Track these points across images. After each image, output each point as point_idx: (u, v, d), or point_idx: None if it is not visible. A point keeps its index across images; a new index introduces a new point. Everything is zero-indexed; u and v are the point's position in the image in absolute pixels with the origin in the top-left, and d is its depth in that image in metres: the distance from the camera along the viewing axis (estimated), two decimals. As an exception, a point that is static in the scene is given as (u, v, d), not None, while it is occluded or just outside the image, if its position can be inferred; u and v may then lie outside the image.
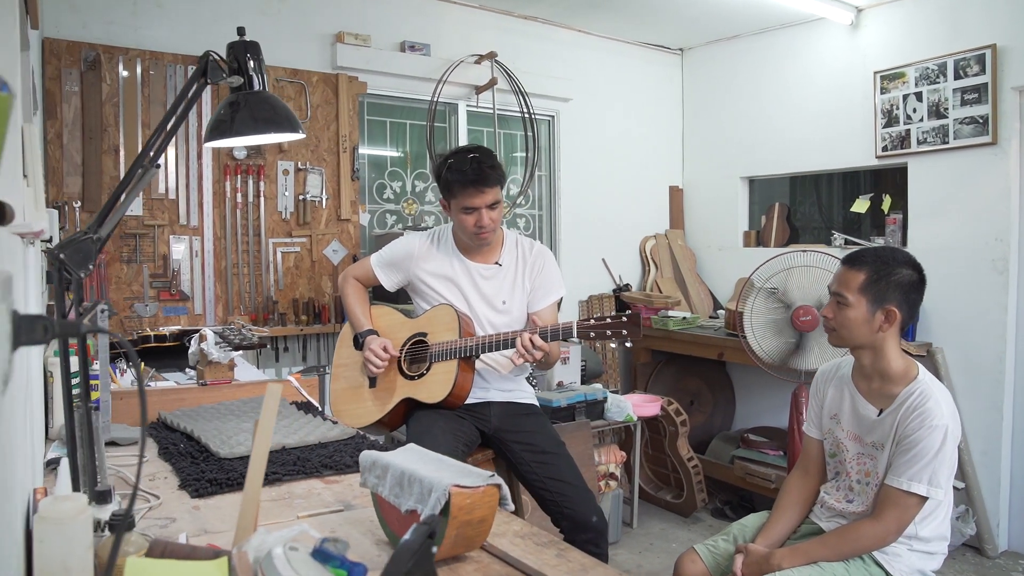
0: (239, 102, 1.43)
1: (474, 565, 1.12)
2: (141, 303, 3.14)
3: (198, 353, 2.28)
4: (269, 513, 1.35)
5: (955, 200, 3.58)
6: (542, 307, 2.43)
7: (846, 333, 1.85)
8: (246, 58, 1.42)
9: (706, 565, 2.02)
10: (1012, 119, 3.36)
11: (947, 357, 3.58)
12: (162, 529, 1.26)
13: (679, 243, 4.86)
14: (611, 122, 4.64)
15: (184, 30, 3.23)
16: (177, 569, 0.70)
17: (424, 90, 3.85)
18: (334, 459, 1.64)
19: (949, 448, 1.75)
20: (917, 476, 1.73)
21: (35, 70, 2.01)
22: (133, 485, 0.67)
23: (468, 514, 1.05)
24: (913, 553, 1.84)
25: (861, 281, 1.82)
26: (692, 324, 4.21)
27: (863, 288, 1.82)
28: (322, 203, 3.54)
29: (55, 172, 2.95)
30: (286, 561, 0.69)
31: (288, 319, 3.44)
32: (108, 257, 3.07)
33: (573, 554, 1.17)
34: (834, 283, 1.90)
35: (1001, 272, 3.41)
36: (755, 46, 4.50)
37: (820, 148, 4.16)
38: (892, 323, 1.81)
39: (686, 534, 3.72)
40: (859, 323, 1.82)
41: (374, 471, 1.20)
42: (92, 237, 1.13)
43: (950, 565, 3.38)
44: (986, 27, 3.41)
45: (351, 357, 2.45)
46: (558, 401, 3.41)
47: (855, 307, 1.82)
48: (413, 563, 0.62)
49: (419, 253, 2.43)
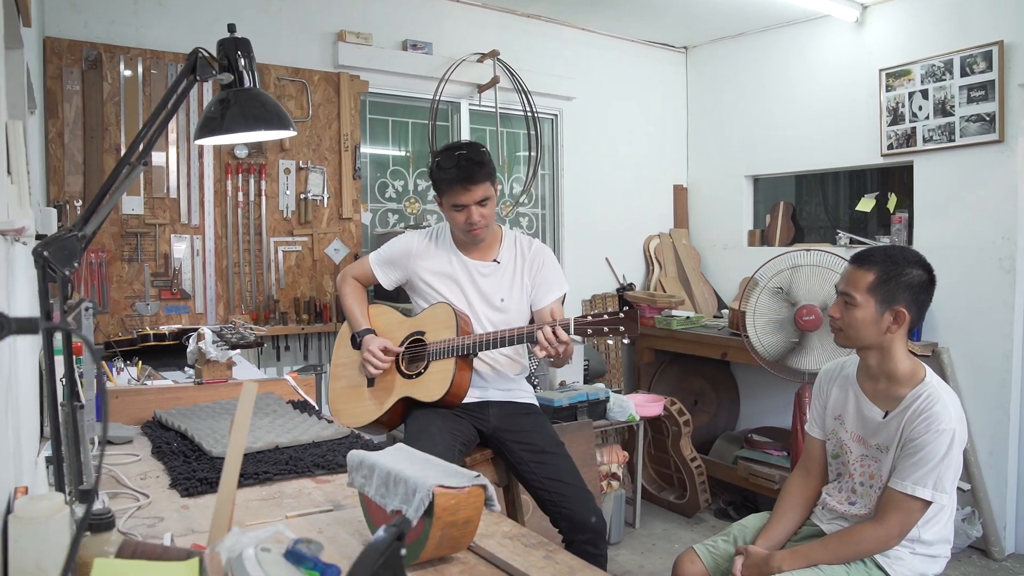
0: (229, 99, 1.42)
1: (460, 566, 1.10)
2: (142, 302, 3.14)
3: (196, 352, 2.28)
4: (258, 512, 1.34)
5: (961, 199, 3.54)
6: (546, 304, 2.42)
7: (853, 333, 1.82)
8: (236, 55, 1.41)
9: (705, 566, 2.00)
10: (1019, 116, 3.32)
11: (953, 357, 3.54)
12: (149, 528, 1.25)
13: (683, 242, 4.83)
14: (615, 121, 4.62)
15: (185, 29, 3.23)
16: (146, 569, 0.69)
17: (426, 89, 3.84)
18: (327, 459, 1.63)
19: (956, 452, 1.72)
20: (922, 480, 1.70)
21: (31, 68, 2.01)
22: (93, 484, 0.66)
23: (453, 515, 1.04)
24: (915, 556, 1.82)
25: (870, 281, 1.79)
26: (696, 324, 4.19)
27: (872, 288, 1.78)
28: (324, 202, 3.53)
29: (56, 171, 2.96)
30: (256, 562, 0.68)
31: (289, 318, 3.44)
32: (109, 256, 3.08)
33: (561, 556, 1.15)
34: (842, 282, 1.86)
35: (1008, 271, 3.37)
36: (760, 44, 4.47)
37: (825, 147, 4.13)
38: (901, 324, 1.78)
39: (689, 535, 3.69)
40: (867, 324, 1.79)
41: (361, 471, 1.19)
42: (77, 235, 1.12)
43: (956, 567, 3.34)
44: (993, 23, 3.37)
45: (349, 356, 2.44)
46: (560, 401, 3.39)
47: (863, 307, 1.79)
48: (380, 564, 0.61)
49: (417, 251, 2.43)
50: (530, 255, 2.44)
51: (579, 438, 3.35)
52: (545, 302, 2.42)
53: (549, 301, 2.42)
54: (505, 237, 2.46)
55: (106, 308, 3.07)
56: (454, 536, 1.06)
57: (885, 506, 1.77)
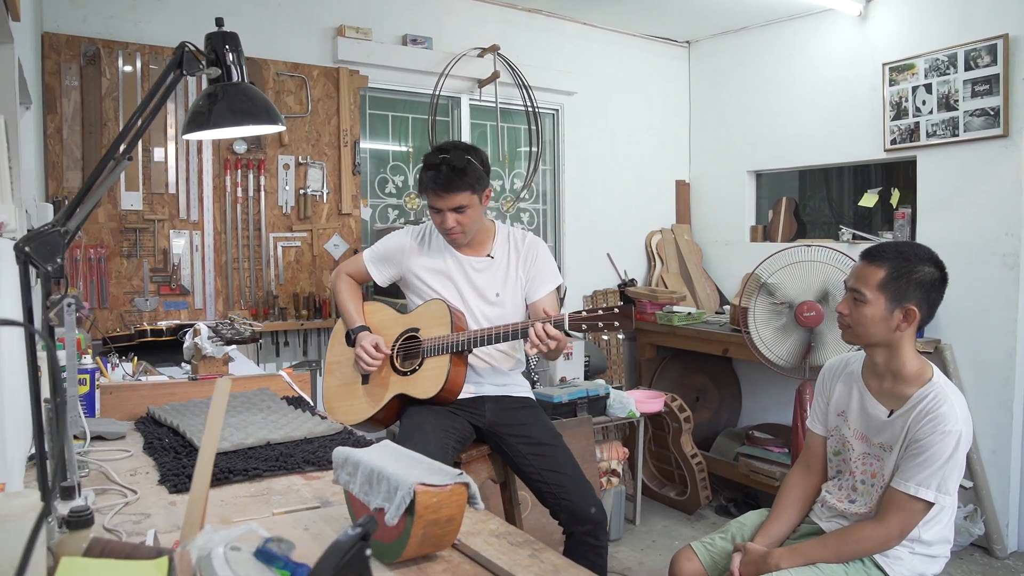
0: (217, 93, 1.41)
1: (443, 565, 1.09)
2: (141, 297, 3.14)
3: (193, 348, 2.28)
4: (246, 509, 1.34)
5: (965, 194, 3.51)
6: (540, 296, 2.41)
7: (862, 331, 1.79)
8: (224, 49, 1.40)
9: (702, 563, 1.98)
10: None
11: (956, 354, 3.52)
12: (135, 525, 1.25)
13: (685, 238, 4.81)
14: (616, 116, 4.60)
15: (184, 24, 3.22)
16: (114, 568, 0.68)
17: (426, 84, 3.82)
18: (317, 455, 1.62)
19: (960, 454, 1.70)
20: (926, 481, 1.68)
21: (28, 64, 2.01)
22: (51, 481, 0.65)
23: (435, 513, 1.03)
24: (915, 556, 1.80)
25: (881, 278, 1.75)
26: (697, 320, 4.17)
27: (882, 285, 1.75)
28: (323, 197, 3.53)
29: (55, 166, 2.96)
30: (225, 561, 0.67)
31: (288, 314, 3.44)
32: (108, 252, 3.08)
33: (547, 555, 1.14)
34: (851, 278, 1.82)
35: (1012, 267, 3.34)
36: (763, 38, 4.44)
37: (828, 142, 4.10)
38: (911, 322, 1.75)
39: (689, 531, 3.68)
40: (876, 321, 1.76)
41: (346, 468, 1.18)
42: (60, 230, 1.12)
43: (958, 565, 3.32)
44: (997, 17, 3.33)
45: (344, 353, 2.43)
46: (559, 397, 3.38)
47: (873, 304, 1.76)
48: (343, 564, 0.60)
49: (411, 247, 2.42)
50: (523, 248, 2.43)
51: (578, 434, 3.34)
52: (539, 295, 2.41)
53: (543, 294, 2.41)
54: (498, 232, 2.45)
55: (105, 304, 3.07)
56: (437, 534, 1.05)
57: (887, 506, 1.75)
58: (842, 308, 1.83)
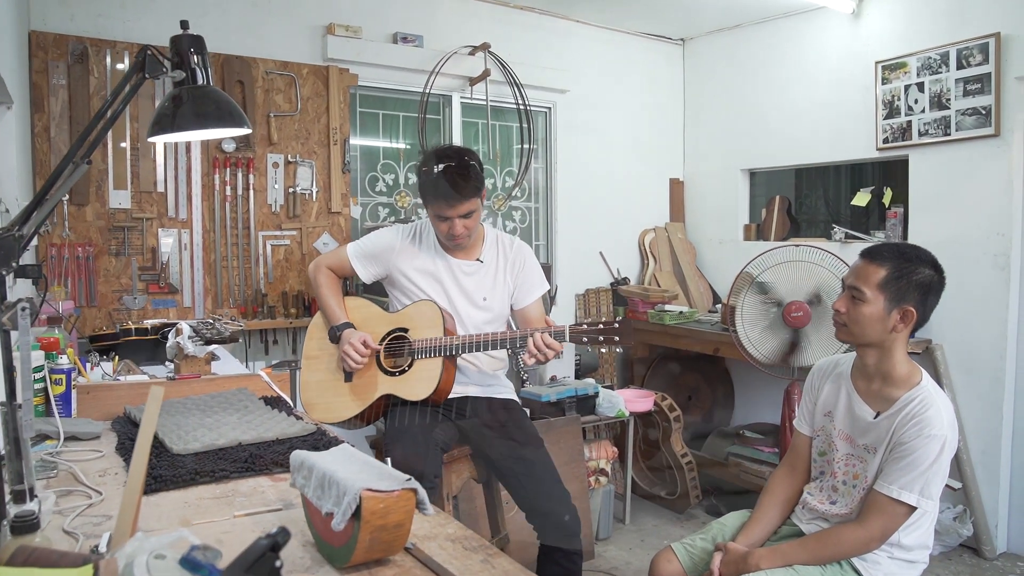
0: (182, 96, 1.41)
1: (394, 570, 1.10)
2: (130, 295, 3.15)
3: (175, 347, 2.28)
4: (207, 511, 1.34)
5: (956, 193, 3.49)
6: (528, 303, 2.43)
7: (858, 330, 1.78)
8: (189, 52, 1.41)
9: (682, 564, 1.99)
10: (1015, 110, 3.26)
11: (946, 354, 3.50)
12: (94, 527, 1.25)
13: (679, 236, 4.80)
14: (610, 114, 4.59)
15: (173, 23, 3.17)
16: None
17: (417, 82, 3.82)
18: (287, 456, 1.62)
19: (945, 460, 1.70)
20: (909, 485, 1.68)
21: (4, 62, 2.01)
22: None
23: (382, 518, 1.03)
24: (893, 561, 1.80)
25: (881, 277, 1.74)
26: (689, 319, 4.16)
27: (882, 284, 1.74)
28: (312, 196, 3.53)
29: (43, 165, 2.97)
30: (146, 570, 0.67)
31: (277, 312, 3.44)
32: (96, 250, 3.09)
33: (499, 560, 1.14)
34: (851, 276, 1.81)
35: (1002, 268, 3.33)
36: (757, 36, 4.42)
37: (821, 140, 4.08)
38: (907, 324, 1.75)
39: (679, 531, 3.68)
40: (873, 320, 1.75)
41: (302, 471, 1.18)
42: (14, 234, 1.12)
43: (946, 566, 3.32)
44: (990, 15, 3.31)
45: (323, 349, 2.43)
46: (547, 396, 3.38)
47: (872, 303, 1.74)
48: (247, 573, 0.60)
49: (400, 247, 2.41)
50: (512, 254, 2.44)
51: (566, 433, 3.34)
52: (527, 301, 2.42)
53: (531, 301, 2.43)
54: (487, 236, 2.45)
55: (93, 302, 3.08)
56: (385, 540, 1.05)
57: (869, 508, 1.74)
58: (839, 306, 1.81)
